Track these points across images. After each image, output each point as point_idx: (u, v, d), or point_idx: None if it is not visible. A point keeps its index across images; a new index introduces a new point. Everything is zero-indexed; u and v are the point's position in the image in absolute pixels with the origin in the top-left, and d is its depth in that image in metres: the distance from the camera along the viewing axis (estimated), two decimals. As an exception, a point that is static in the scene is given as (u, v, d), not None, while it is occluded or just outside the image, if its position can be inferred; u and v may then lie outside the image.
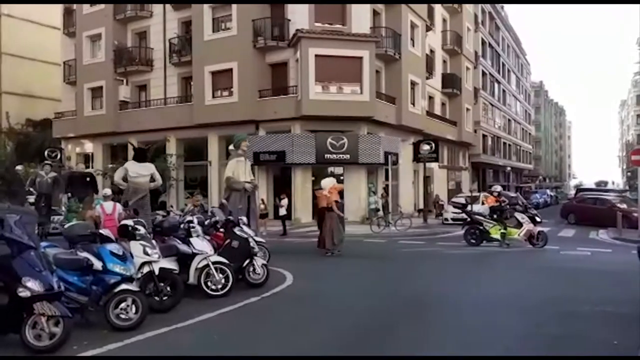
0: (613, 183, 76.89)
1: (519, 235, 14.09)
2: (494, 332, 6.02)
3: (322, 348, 5.43)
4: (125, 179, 11.28)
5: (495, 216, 14.56)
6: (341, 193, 14.37)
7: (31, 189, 14.01)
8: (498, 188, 15.80)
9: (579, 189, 38.95)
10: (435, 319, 6.73)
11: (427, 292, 8.33)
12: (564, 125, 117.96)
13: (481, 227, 14.59)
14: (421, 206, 26.83)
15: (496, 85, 49.60)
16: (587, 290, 8.42)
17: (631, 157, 18.88)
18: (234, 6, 23.43)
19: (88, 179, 14.74)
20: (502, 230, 14.16)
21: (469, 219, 15.27)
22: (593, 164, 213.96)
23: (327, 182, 13.48)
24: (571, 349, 5.37)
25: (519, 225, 14.20)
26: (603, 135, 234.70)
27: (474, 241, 14.58)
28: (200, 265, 7.66)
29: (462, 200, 19.75)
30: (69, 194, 15.80)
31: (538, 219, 14.52)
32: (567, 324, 6.33)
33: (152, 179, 11.40)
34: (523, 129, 64.52)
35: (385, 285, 9.13)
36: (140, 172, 11.21)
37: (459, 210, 19.37)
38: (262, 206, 19.44)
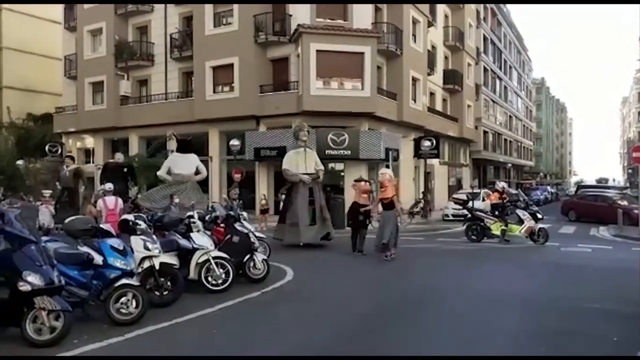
0: (614, 180, 76.91)
1: (520, 232, 14.07)
2: (494, 328, 6.03)
3: (321, 344, 5.43)
4: (169, 172, 11.59)
5: (496, 212, 14.56)
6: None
7: (57, 184, 13.67)
8: (502, 184, 15.79)
9: (580, 186, 38.94)
10: (435, 315, 6.73)
11: (428, 289, 8.33)
12: (565, 122, 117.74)
13: (482, 224, 14.59)
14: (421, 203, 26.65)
15: (497, 81, 49.47)
16: (587, 287, 8.43)
17: (632, 155, 18.85)
18: (235, 1, 23.38)
19: (125, 169, 14.20)
20: (503, 227, 14.16)
21: (470, 215, 15.27)
22: (594, 161, 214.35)
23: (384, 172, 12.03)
24: (571, 345, 5.38)
25: (521, 222, 14.19)
26: (604, 133, 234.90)
27: (474, 237, 14.58)
28: (201, 260, 7.66)
29: (464, 197, 19.68)
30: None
31: (539, 216, 14.48)
32: (567, 320, 6.33)
33: (197, 171, 11.69)
34: (524, 125, 64.41)
35: (384, 281, 9.13)
36: (184, 164, 11.50)
37: (459, 207, 19.34)
38: (263, 201, 19.46)
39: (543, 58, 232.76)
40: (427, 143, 24.78)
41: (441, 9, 33.47)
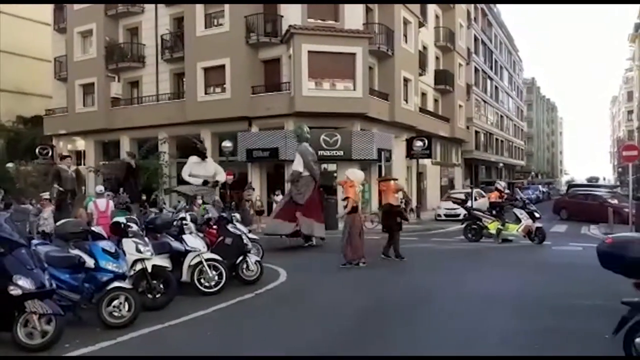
0: (604, 179, 77.48)
1: (517, 230, 14.11)
2: (488, 327, 6.04)
3: (316, 345, 5.43)
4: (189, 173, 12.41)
5: (494, 212, 14.61)
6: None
7: (56, 186, 13.01)
8: (502, 184, 15.92)
9: (571, 185, 39.18)
10: (430, 315, 6.74)
11: (422, 288, 8.34)
12: (555, 121, 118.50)
13: (480, 223, 14.63)
14: (415, 203, 26.70)
15: (488, 81, 49.72)
16: (578, 285, 8.48)
17: (622, 153, 19.01)
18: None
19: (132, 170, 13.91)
20: (499, 226, 14.20)
21: (467, 214, 15.34)
22: (584, 160, 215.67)
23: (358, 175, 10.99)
24: (563, 342, 5.41)
25: (518, 220, 14.22)
26: (594, 132, 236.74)
27: (472, 236, 14.62)
28: (194, 262, 7.62)
29: (462, 196, 19.72)
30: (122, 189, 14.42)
31: (537, 215, 14.45)
32: (558, 317, 6.37)
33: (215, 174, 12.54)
34: (515, 125, 64.78)
35: (379, 282, 9.14)
36: (205, 167, 12.08)
37: (454, 207, 19.40)
38: (258, 203, 19.44)
39: (533, 58, 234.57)
40: (419, 143, 24.87)
41: (432, 9, 33.58)
